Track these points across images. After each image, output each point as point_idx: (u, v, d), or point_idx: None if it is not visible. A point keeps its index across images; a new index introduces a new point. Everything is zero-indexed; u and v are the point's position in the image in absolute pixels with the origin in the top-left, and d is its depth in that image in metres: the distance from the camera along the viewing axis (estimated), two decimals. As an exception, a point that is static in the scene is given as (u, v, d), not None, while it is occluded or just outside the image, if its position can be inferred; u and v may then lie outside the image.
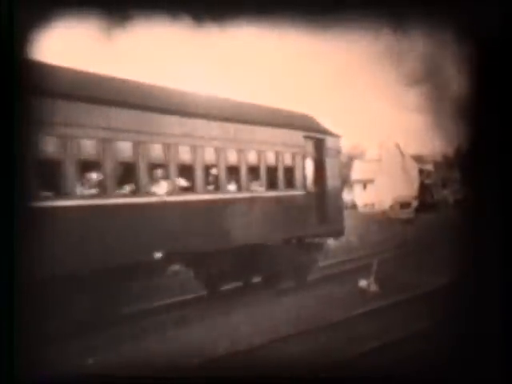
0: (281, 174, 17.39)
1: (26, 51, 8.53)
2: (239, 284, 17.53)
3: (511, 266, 8.25)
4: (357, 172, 73.96)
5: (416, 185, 66.22)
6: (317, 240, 19.25)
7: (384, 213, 56.12)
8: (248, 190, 16.17)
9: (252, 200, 16.19)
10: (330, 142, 19.58)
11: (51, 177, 11.26)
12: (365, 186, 72.20)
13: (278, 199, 17.20)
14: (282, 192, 17.42)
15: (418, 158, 71.09)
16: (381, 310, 14.17)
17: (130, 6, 8.63)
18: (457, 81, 9.63)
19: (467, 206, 9.86)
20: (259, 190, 16.60)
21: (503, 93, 8.37)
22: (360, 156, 78.01)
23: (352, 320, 13.26)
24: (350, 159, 76.01)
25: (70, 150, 11.47)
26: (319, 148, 19.15)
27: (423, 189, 65.89)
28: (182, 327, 13.25)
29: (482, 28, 8.26)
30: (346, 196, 73.32)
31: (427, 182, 68.58)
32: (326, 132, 19.75)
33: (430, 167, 71.31)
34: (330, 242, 21.93)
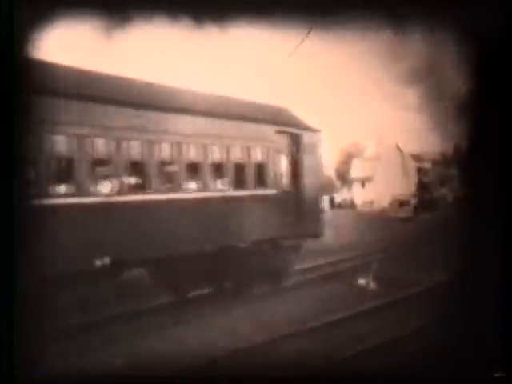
0: (250, 172, 16.02)
1: (26, 51, 8.54)
2: (208, 290, 16.19)
3: (511, 264, 8.27)
4: (355, 170, 73.96)
5: (414, 183, 66.25)
6: (292, 242, 17.87)
7: (383, 211, 56.10)
8: (212, 188, 14.89)
9: (216, 199, 14.96)
10: (307, 137, 18.23)
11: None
12: (363, 184, 72.19)
13: (246, 198, 15.86)
14: (251, 191, 16.05)
15: (417, 156, 71.14)
16: (380, 309, 14.20)
17: (130, 6, 8.64)
18: (456, 80, 9.65)
19: (466, 205, 9.88)
20: (225, 188, 15.34)
21: (503, 92, 8.39)
22: (359, 154, 78.02)
23: (351, 318, 13.27)
24: (349, 157, 76.10)
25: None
26: (295, 144, 17.88)
27: (422, 187, 65.88)
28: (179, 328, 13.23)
29: (482, 28, 8.28)
30: (345, 194, 73.50)
31: (426, 180, 68.59)
32: (303, 126, 18.47)
33: (428, 165, 71.34)
34: (329, 240, 21.84)
